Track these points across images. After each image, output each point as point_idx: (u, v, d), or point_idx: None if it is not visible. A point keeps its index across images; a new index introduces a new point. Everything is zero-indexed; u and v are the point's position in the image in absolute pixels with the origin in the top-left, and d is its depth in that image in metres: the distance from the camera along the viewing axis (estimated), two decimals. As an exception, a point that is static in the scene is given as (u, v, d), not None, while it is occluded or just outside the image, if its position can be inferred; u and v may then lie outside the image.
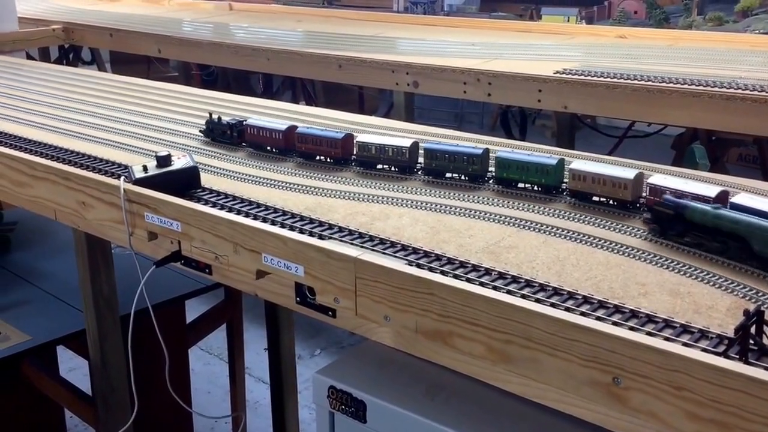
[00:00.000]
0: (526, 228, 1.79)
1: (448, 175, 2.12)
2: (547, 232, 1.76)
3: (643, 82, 3.11)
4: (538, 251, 1.67)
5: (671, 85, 3.05)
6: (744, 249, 1.58)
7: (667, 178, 1.81)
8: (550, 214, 1.85)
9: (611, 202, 1.87)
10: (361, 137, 2.26)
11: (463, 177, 2.10)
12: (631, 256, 1.63)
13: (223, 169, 2.29)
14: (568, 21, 7.41)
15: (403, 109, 4.20)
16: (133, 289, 2.05)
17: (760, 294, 1.46)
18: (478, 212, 1.89)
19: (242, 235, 1.77)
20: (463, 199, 1.98)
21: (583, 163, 1.95)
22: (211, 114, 2.60)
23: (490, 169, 2.08)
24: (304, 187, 2.12)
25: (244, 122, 2.49)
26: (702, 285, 1.51)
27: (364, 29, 5.10)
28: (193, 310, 3.48)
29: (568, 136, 4.30)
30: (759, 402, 1.12)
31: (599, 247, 1.68)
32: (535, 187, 1.99)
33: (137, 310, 2.11)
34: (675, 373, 1.19)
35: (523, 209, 1.89)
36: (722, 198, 1.72)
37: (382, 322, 1.56)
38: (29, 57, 5.57)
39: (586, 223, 1.80)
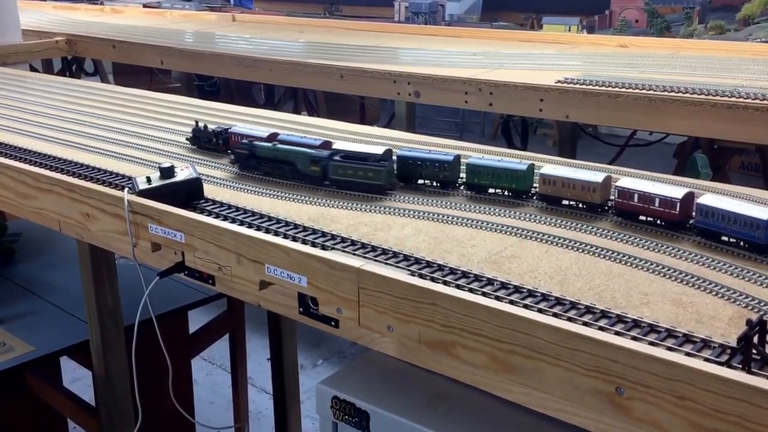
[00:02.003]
0: (528, 238, 1.80)
1: (421, 181, 2.15)
2: (549, 242, 1.76)
3: (644, 91, 3.11)
4: (540, 261, 1.67)
5: (673, 93, 3.05)
6: (293, 170, 2.14)
7: (635, 181, 1.84)
8: (552, 224, 1.86)
9: (580, 205, 1.91)
10: (336, 145, 2.30)
11: (434, 183, 2.13)
12: (634, 265, 1.63)
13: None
14: (569, 30, 7.41)
15: (405, 119, 4.21)
16: (136, 300, 2.05)
17: (762, 303, 1.46)
18: (479, 222, 1.89)
19: (245, 245, 1.77)
20: (465, 209, 1.98)
21: (553, 167, 1.99)
22: (197, 122, 2.62)
23: (461, 175, 2.12)
24: (302, 197, 2.12)
25: (229, 130, 2.52)
26: (704, 294, 1.51)
27: (365, 40, 5.11)
28: (196, 321, 3.48)
29: (569, 145, 4.30)
30: (762, 412, 1.12)
31: (601, 256, 1.68)
32: (506, 192, 2.03)
33: (140, 321, 2.12)
34: (678, 383, 1.19)
35: (524, 219, 1.90)
36: (688, 199, 1.77)
37: (384, 332, 1.56)
38: (32, 69, 5.60)
39: (587, 232, 1.81)
